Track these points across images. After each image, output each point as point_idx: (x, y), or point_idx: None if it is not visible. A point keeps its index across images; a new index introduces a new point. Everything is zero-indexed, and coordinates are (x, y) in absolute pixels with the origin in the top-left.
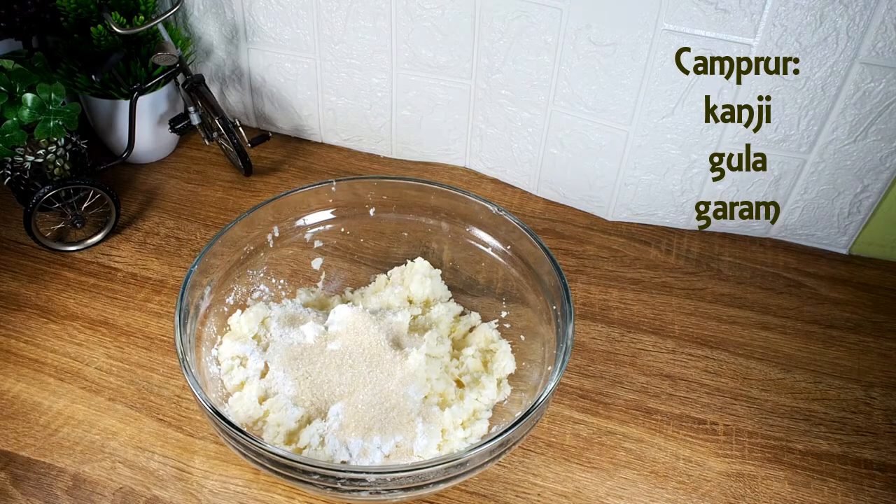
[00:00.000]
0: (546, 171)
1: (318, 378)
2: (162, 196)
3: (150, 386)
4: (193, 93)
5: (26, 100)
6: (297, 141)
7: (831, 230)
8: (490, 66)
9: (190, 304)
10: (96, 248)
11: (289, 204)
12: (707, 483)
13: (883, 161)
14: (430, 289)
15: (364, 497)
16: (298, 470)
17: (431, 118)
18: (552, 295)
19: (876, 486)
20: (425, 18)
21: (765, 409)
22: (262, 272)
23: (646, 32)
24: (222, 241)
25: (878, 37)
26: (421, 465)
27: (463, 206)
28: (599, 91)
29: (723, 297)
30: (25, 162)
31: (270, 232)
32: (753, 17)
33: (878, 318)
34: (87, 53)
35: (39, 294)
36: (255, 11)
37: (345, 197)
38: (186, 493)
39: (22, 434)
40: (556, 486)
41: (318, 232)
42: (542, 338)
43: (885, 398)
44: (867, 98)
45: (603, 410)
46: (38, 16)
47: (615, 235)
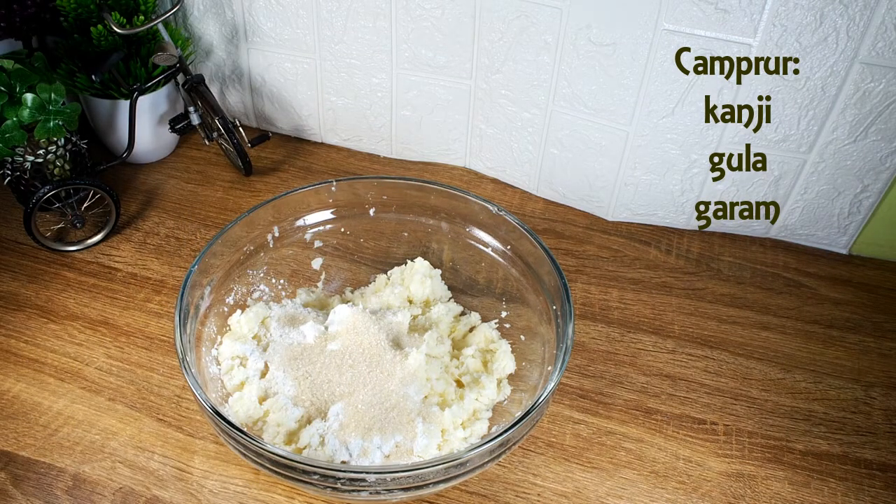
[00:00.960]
0: (546, 171)
1: (318, 378)
2: (162, 196)
3: (150, 386)
4: (193, 93)
5: (26, 100)
6: (297, 141)
7: (831, 230)
8: (490, 66)
9: (190, 304)
10: (96, 248)
11: (289, 204)
12: (707, 483)
13: (883, 161)
14: (430, 289)
15: (364, 497)
16: (298, 470)
17: (431, 118)
18: (552, 295)
19: (876, 486)
20: (425, 18)
21: (765, 409)
22: (262, 272)
23: (646, 32)
24: (222, 241)
25: (878, 37)
26: (421, 465)
27: (463, 206)
28: (599, 91)
29: (723, 297)
30: (25, 162)
31: (270, 232)
32: (753, 17)
33: (878, 318)
34: (87, 53)
35: (39, 294)
36: (255, 11)
37: (345, 197)
38: (186, 493)
39: (22, 434)
40: (556, 486)
41: (318, 232)
42: (542, 338)
43: (885, 398)
44: (867, 98)
45: (603, 410)
46: (38, 16)
47: (615, 235)
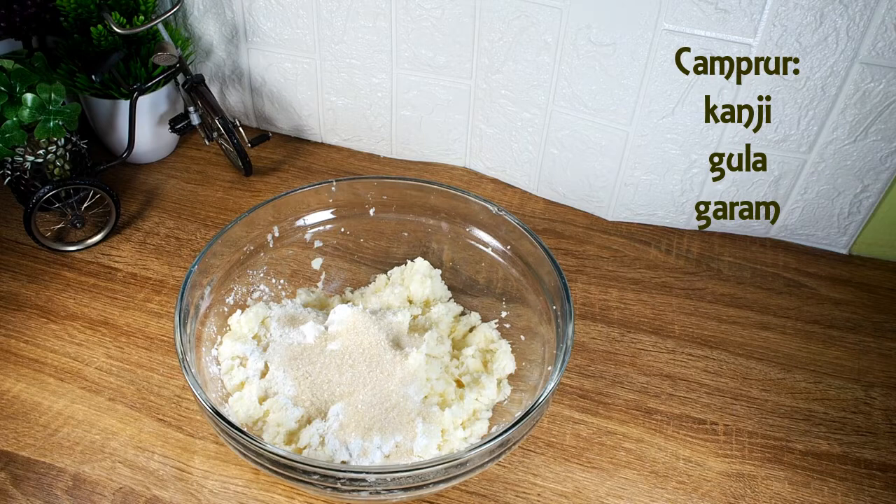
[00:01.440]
0: (546, 171)
1: (318, 378)
2: (162, 196)
3: (150, 386)
4: (193, 93)
5: (26, 100)
6: (297, 141)
7: (831, 230)
8: (490, 66)
9: (190, 304)
10: (96, 248)
11: (289, 204)
12: (707, 483)
13: (883, 161)
14: (430, 289)
15: (364, 497)
16: (298, 470)
17: (431, 118)
18: (552, 295)
19: (876, 486)
20: (425, 18)
21: (765, 409)
22: (262, 272)
23: (646, 32)
24: (222, 241)
25: (878, 37)
26: (421, 465)
27: (463, 205)
28: (599, 91)
29: (723, 297)
30: (25, 162)
31: (270, 232)
32: (753, 17)
33: (878, 318)
34: (87, 53)
35: (39, 294)
36: (255, 11)
37: (345, 197)
38: (186, 493)
39: (22, 434)
40: (556, 486)
41: (318, 232)
42: (542, 338)
43: (885, 398)
44: (867, 98)
45: (603, 410)
46: (38, 16)
47: (615, 235)
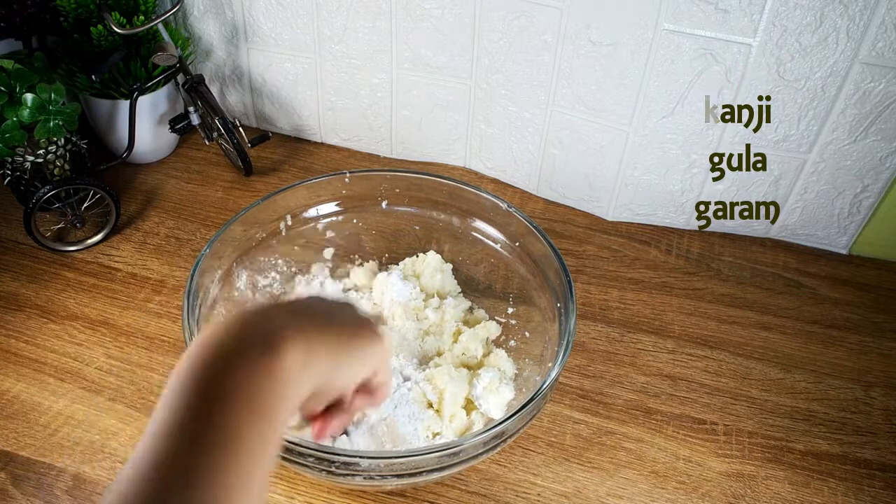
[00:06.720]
0: (546, 171)
1: None
2: (162, 196)
3: (150, 386)
4: (193, 93)
5: (26, 100)
6: (297, 141)
7: (831, 230)
8: (490, 66)
9: (199, 289)
10: (96, 248)
11: (302, 194)
12: (707, 483)
13: (883, 161)
14: (441, 283)
15: (359, 482)
16: (294, 452)
17: (431, 118)
18: (557, 293)
19: (876, 486)
20: (425, 18)
21: (765, 409)
22: (273, 260)
23: (646, 32)
24: (234, 225)
25: (878, 37)
26: (414, 452)
27: (474, 201)
28: (599, 91)
29: (723, 297)
30: (25, 162)
31: (283, 220)
32: (753, 17)
33: (878, 318)
34: (87, 53)
35: (39, 294)
36: (255, 11)
37: (358, 189)
38: None
39: (22, 434)
40: (556, 486)
41: (330, 223)
42: (546, 335)
43: (885, 398)
44: (867, 98)
45: (603, 410)
46: (38, 16)
47: (615, 235)
